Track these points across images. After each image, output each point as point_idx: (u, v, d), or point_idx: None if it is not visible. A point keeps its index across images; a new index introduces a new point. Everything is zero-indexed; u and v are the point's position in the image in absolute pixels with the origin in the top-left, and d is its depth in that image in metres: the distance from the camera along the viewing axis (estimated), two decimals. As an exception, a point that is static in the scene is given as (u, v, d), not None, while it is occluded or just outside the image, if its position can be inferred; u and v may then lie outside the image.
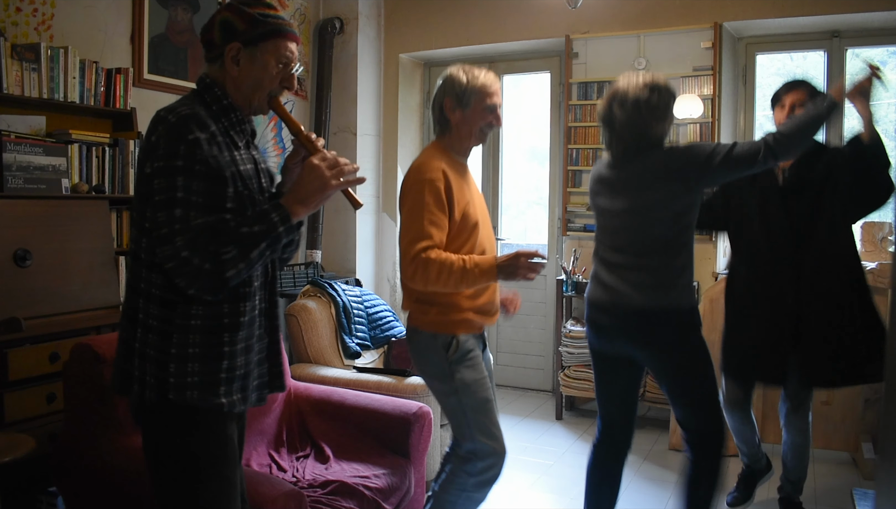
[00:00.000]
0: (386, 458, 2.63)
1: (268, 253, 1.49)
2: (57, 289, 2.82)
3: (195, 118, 1.47)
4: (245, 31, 1.55)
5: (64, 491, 2.26)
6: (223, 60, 1.57)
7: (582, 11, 4.33)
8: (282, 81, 1.60)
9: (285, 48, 1.58)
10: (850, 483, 3.41)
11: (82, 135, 3.07)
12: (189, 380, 1.49)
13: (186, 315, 1.50)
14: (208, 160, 1.45)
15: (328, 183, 1.52)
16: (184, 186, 1.42)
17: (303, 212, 1.52)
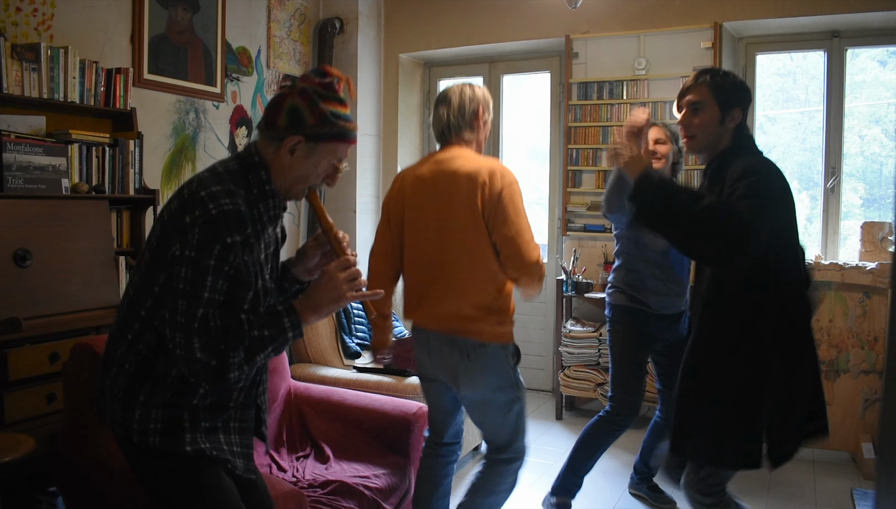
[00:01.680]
0: (386, 458, 2.63)
1: (273, 354, 1.52)
2: (57, 289, 2.81)
3: (235, 217, 1.43)
4: (312, 127, 1.51)
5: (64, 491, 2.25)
6: (279, 146, 1.53)
7: (582, 11, 4.32)
8: (326, 178, 1.61)
9: (343, 151, 1.58)
10: (850, 483, 3.40)
11: (82, 136, 3.07)
12: (152, 426, 1.51)
13: (165, 373, 1.52)
14: (239, 266, 1.45)
15: (343, 296, 1.54)
16: (211, 286, 1.42)
17: (314, 320, 1.54)
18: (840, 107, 4.10)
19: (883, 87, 4.23)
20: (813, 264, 3.75)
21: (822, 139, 4.16)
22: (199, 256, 1.41)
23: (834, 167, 4.12)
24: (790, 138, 4.48)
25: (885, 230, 3.76)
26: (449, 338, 2.26)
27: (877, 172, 4.30)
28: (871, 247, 3.76)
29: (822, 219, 4.16)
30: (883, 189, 4.27)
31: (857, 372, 3.71)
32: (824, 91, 4.14)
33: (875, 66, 4.29)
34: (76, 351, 2.22)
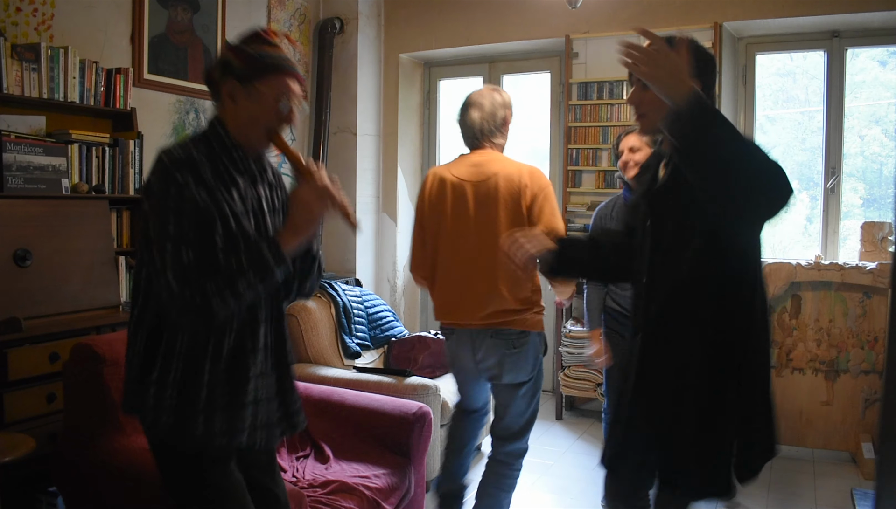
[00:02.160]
0: (386, 458, 2.63)
1: (259, 285, 1.51)
2: (57, 289, 2.81)
3: (186, 162, 1.51)
4: (241, 69, 1.56)
5: (64, 491, 2.26)
6: (221, 97, 1.61)
7: (582, 11, 4.32)
8: (280, 117, 1.60)
9: (283, 84, 1.58)
10: (850, 483, 3.41)
11: (82, 136, 3.07)
12: (167, 403, 1.53)
13: (171, 343, 1.53)
14: (197, 201, 1.48)
15: (314, 209, 1.55)
16: (175, 223, 1.46)
17: (294, 242, 1.55)
18: (840, 107, 4.10)
19: (883, 87, 4.23)
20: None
21: (822, 139, 4.16)
22: (160, 203, 1.48)
23: (834, 167, 4.12)
24: (790, 138, 4.48)
25: (885, 230, 3.76)
26: (496, 330, 2.46)
27: (877, 172, 4.31)
28: (871, 247, 3.76)
29: (822, 219, 4.16)
30: (883, 189, 4.27)
31: (857, 372, 3.71)
32: (824, 91, 4.14)
33: (875, 66, 4.29)
34: (76, 351, 2.22)
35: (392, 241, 5.10)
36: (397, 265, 5.12)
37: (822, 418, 3.75)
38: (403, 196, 5.15)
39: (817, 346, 3.78)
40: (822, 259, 3.88)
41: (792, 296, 3.81)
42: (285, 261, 1.54)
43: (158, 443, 1.60)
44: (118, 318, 2.93)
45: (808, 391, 3.79)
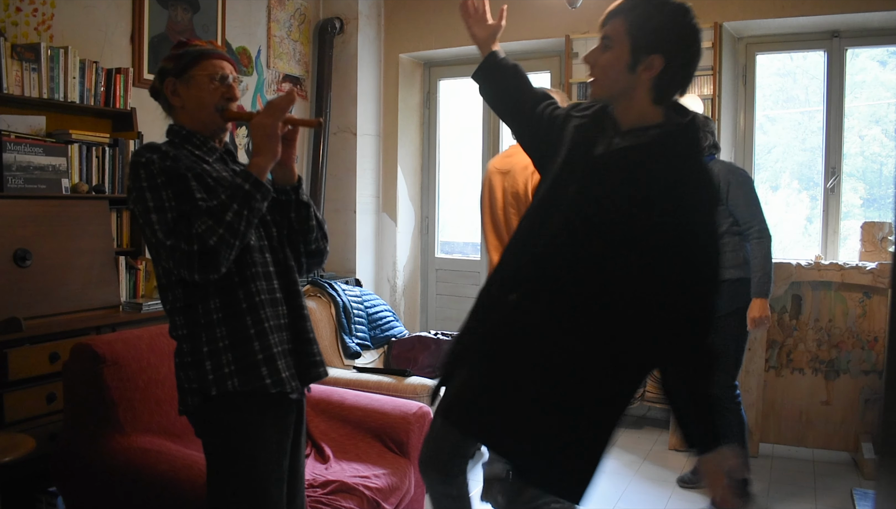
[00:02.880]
0: (386, 458, 2.63)
1: (245, 213, 1.56)
2: (57, 289, 2.81)
3: (147, 147, 1.65)
4: (173, 67, 1.73)
5: (64, 491, 2.26)
6: (166, 98, 1.75)
7: (582, 11, 4.32)
8: (223, 94, 1.72)
9: (213, 66, 1.72)
10: (850, 483, 3.40)
11: (82, 136, 3.07)
12: (227, 370, 1.60)
13: (207, 312, 1.61)
14: (165, 170, 1.59)
15: (264, 123, 1.62)
16: (153, 197, 1.57)
17: (262, 163, 1.61)
18: (840, 107, 4.10)
19: (883, 87, 4.23)
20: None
21: (822, 139, 4.16)
22: (136, 188, 1.59)
23: (834, 167, 4.12)
24: (790, 138, 4.48)
25: (885, 230, 3.76)
26: None
27: (877, 172, 4.30)
28: (871, 247, 3.76)
29: (822, 219, 4.16)
30: (883, 189, 4.27)
31: (857, 372, 3.71)
32: (824, 91, 4.14)
33: (875, 66, 4.29)
34: (76, 351, 2.22)
35: (392, 241, 5.10)
36: (397, 265, 5.12)
37: (822, 418, 3.75)
38: (403, 196, 5.15)
39: (817, 346, 3.78)
40: (822, 259, 3.88)
41: (792, 296, 3.81)
42: (259, 182, 1.59)
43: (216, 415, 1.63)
44: (118, 318, 2.93)
45: (808, 391, 3.79)
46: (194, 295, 1.61)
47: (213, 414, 1.63)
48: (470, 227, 5.33)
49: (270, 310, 1.66)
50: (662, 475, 3.48)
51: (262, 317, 1.64)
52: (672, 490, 3.32)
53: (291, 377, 1.67)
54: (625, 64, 1.51)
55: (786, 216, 4.41)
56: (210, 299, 1.61)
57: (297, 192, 1.76)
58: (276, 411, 1.67)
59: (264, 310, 1.65)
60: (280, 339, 1.67)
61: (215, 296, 1.61)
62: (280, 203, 1.75)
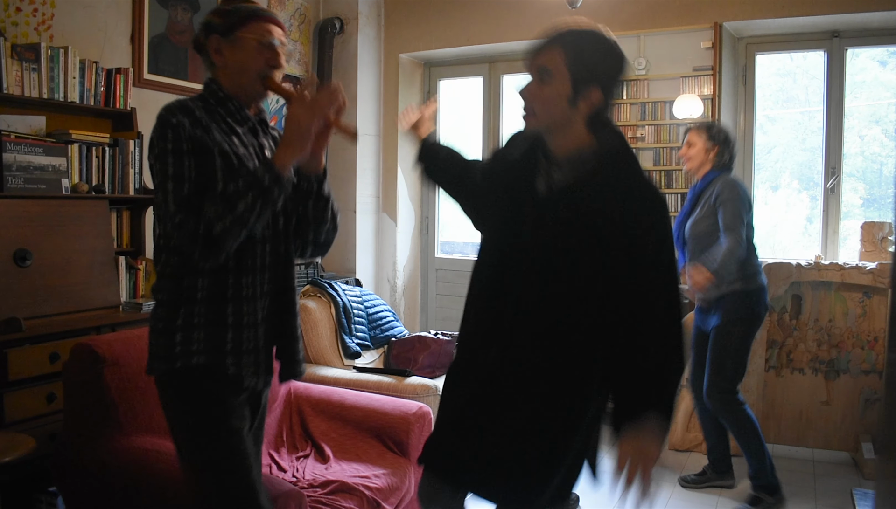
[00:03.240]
0: (386, 458, 2.63)
1: (258, 206, 1.53)
2: (57, 289, 2.81)
3: (180, 107, 1.58)
4: (221, 24, 1.65)
5: (64, 491, 2.26)
6: (209, 55, 1.68)
7: (582, 11, 4.32)
8: (267, 60, 1.66)
9: (262, 29, 1.65)
10: (850, 483, 3.40)
11: (82, 135, 3.07)
12: (195, 346, 1.59)
13: (192, 287, 1.60)
14: (193, 138, 1.55)
15: (302, 119, 1.56)
16: (174, 163, 1.54)
17: (288, 157, 1.57)
18: (840, 107, 4.10)
19: (883, 87, 4.23)
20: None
21: (822, 139, 4.16)
22: (160, 148, 1.55)
23: (834, 167, 4.12)
24: (790, 138, 4.48)
25: (885, 230, 3.76)
26: None
27: (877, 172, 4.30)
28: (871, 247, 3.76)
29: (822, 219, 4.16)
30: (883, 189, 4.27)
31: (857, 372, 3.71)
32: (824, 91, 4.14)
33: (875, 66, 4.29)
34: (76, 351, 2.22)
35: (392, 241, 5.10)
36: (397, 265, 5.12)
37: (822, 418, 3.75)
38: (403, 196, 5.15)
39: (817, 346, 3.78)
40: (822, 259, 3.88)
41: (792, 296, 3.81)
42: (280, 178, 1.55)
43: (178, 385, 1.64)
44: (118, 318, 2.93)
45: (808, 391, 3.79)
46: (186, 266, 1.60)
47: (175, 383, 1.64)
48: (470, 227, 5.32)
49: (253, 305, 1.65)
50: (663, 475, 3.48)
51: (242, 310, 1.63)
52: (672, 490, 3.32)
53: (255, 373, 1.66)
54: (566, 97, 1.50)
55: (786, 216, 4.41)
56: (199, 276, 1.60)
57: (320, 184, 1.72)
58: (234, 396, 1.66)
59: (248, 303, 1.64)
60: (253, 335, 1.65)
61: (206, 275, 1.60)
62: (300, 190, 1.71)
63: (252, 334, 1.65)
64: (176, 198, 1.53)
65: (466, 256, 5.30)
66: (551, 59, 1.49)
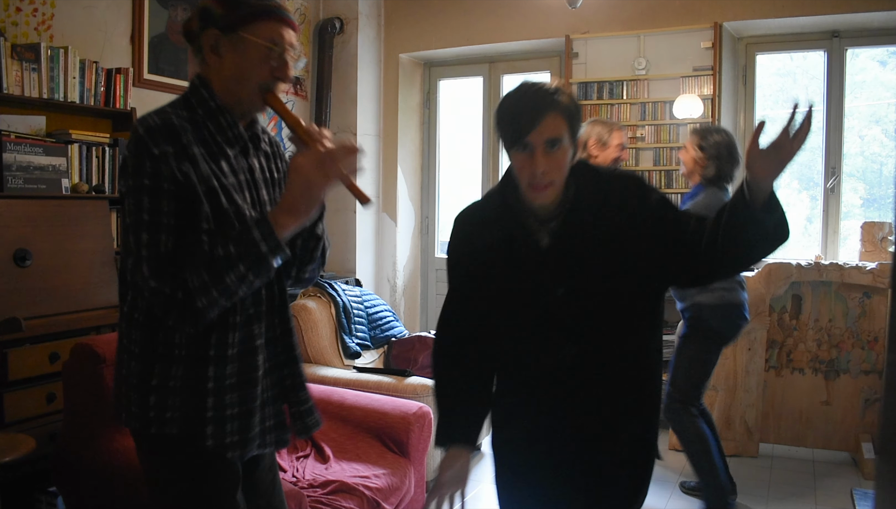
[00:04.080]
0: (386, 458, 2.63)
1: (251, 277, 1.29)
2: (57, 289, 2.81)
3: (164, 129, 1.31)
4: (223, 16, 1.34)
5: (64, 491, 2.26)
6: (202, 51, 1.39)
7: (582, 11, 4.32)
8: (273, 72, 1.38)
9: (273, 32, 1.36)
10: (850, 483, 3.40)
11: (82, 136, 3.07)
12: (169, 414, 1.35)
13: (169, 343, 1.36)
14: (176, 176, 1.27)
15: (314, 181, 1.30)
16: (150, 208, 1.27)
17: (291, 223, 1.31)
18: (840, 107, 4.10)
19: (883, 87, 4.23)
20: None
21: (822, 139, 4.16)
22: (135, 180, 1.28)
23: (834, 167, 4.12)
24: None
25: (885, 230, 3.76)
26: None
27: (877, 172, 4.30)
28: (871, 247, 3.76)
29: (822, 219, 4.16)
30: (883, 189, 4.27)
31: (857, 372, 3.71)
32: (824, 91, 4.14)
33: (875, 66, 4.29)
34: (76, 351, 2.22)
35: (392, 241, 5.10)
36: (397, 265, 5.12)
37: (822, 418, 3.75)
38: (403, 196, 5.15)
39: (817, 346, 3.78)
40: (822, 259, 3.88)
41: (792, 296, 3.81)
42: (281, 246, 1.30)
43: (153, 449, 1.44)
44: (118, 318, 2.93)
45: (808, 391, 3.79)
46: (159, 318, 1.34)
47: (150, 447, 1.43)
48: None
49: (240, 364, 1.39)
50: (663, 475, 3.47)
51: (225, 373, 1.37)
52: (672, 490, 3.32)
53: (241, 442, 1.40)
54: (570, 157, 1.47)
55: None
56: (176, 331, 1.35)
57: (314, 223, 1.48)
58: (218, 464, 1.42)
59: (233, 363, 1.38)
60: (242, 398, 1.39)
61: (183, 330, 1.35)
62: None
63: (237, 397, 1.38)
64: (150, 257, 1.27)
65: (466, 256, 5.29)
66: (556, 127, 1.41)
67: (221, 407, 1.37)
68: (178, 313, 1.28)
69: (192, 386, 1.36)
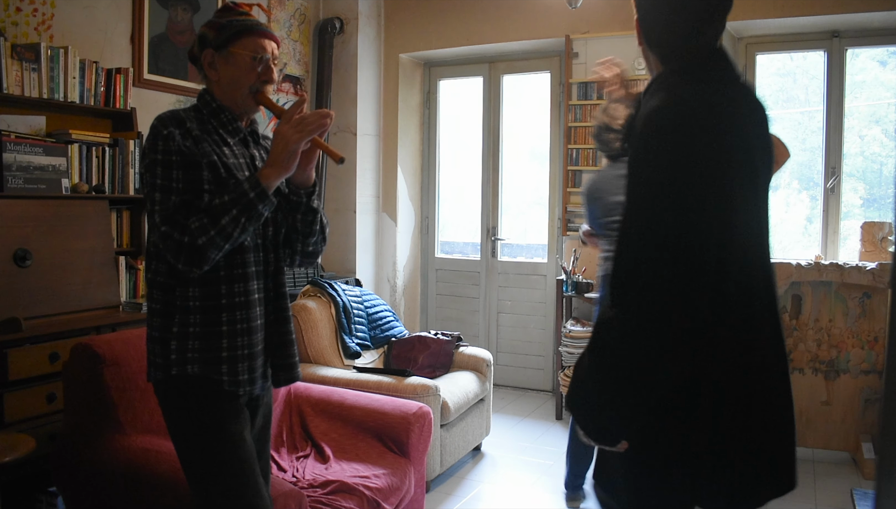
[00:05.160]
0: (386, 458, 2.63)
1: (243, 220, 1.56)
2: (57, 289, 2.81)
3: (172, 117, 1.63)
4: (215, 38, 1.69)
5: (64, 491, 2.26)
6: (203, 68, 1.73)
7: (582, 11, 4.32)
8: (260, 76, 1.70)
9: (255, 44, 1.68)
10: (850, 483, 3.41)
11: (82, 136, 3.07)
12: (189, 355, 1.63)
13: (185, 297, 1.64)
14: (182, 149, 1.59)
15: (289, 138, 1.59)
16: (162, 175, 1.58)
17: (273, 175, 1.59)
18: (840, 107, 4.10)
19: (883, 87, 4.23)
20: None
21: (822, 139, 4.16)
22: (149, 158, 1.59)
23: (834, 167, 4.12)
24: (790, 138, 4.48)
25: (885, 230, 3.76)
26: None
27: (877, 172, 4.30)
28: (871, 247, 3.76)
29: (822, 219, 4.16)
30: (883, 189, 4.27)
31: (857, 372, 3.71)
32: (824, 91, 4.14)
33: (875, 66, 4.29)
34: (76, 351, 2.22)
35: (392, 241, 5.10)
36: (397, 265, 5.12)
37: (822, 418, 3.75)
38: (403, 196, 5.15)
39: (817, 346, 3.78)
40: (822, 259, 3.88)
41: (792, 296, 3.81)
42: (266, 194, 1.58)
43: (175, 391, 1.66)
44: (118, 318, 2.93)
45: (808, 391, 3.79)
46: (177, 276, 1.63)
47: (172, 390, 1.67)
48: (470, 227, 5.33)
49: (247, 312, 1.68)
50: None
51: (236, 318, 1.66)
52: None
53: (250, 380, 1.69)
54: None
55: (786, 216, 4.41)
56: (191, 286, 1.63)
57: (309, 197, 1.75)
58: (231, 402, 1.68)
59: (241, 311, 1.67)
60: (249, 342, 1.68)
61: (197, 284, 1.63)
62: (290, 203, 1.75)
63: (246, 341, 1.68)
64: (162, 209, 1.57)
65: (466, 256, 5.30)
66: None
67: (234, 348, 1.66)
68: (186, 255, 1.54)
69: (208, 331, 1.64)
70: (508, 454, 3.79)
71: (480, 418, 3.71)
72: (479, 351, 3.87)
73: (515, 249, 5.19)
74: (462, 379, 3.60)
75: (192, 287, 1.63)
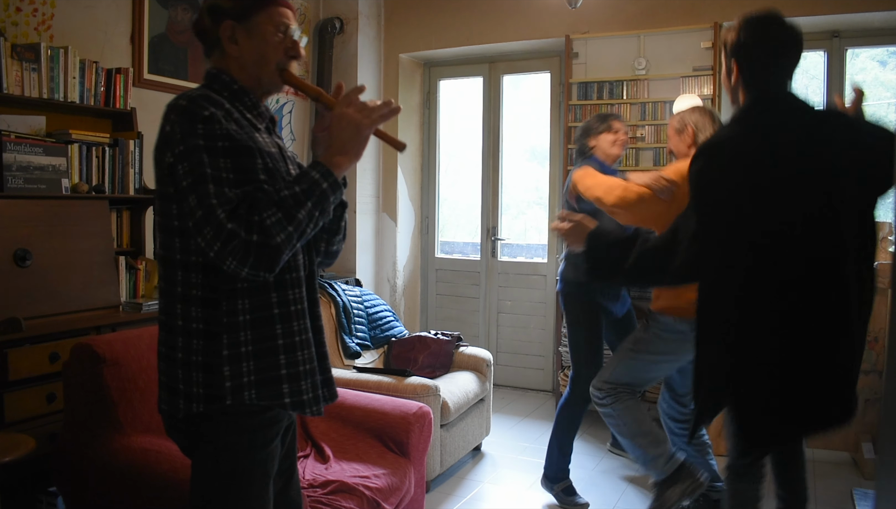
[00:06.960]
0: (386, 458, 2.63)
1: (317, 214, 1.37)
2: (57, 289, 2.81)
3: (207, 97, 1.39)
4: (233, 7, 1.46)
5: (64, 491, 2.26)
6: (221, 44, 1.48)
7: (582, 11, 4.33)
8: (287, 51, 1.50)
9: (280, 14, 1.48)
10: (850, 483, 3.41)
11: (82, 136, 3.07)
12: (245, 380, 1.39)
13: (233, 311, 1.39)
14: (230, 133, 1.35)
15: (361, 123, 1.42)
16: (210, 163, 1.32)
17: (345, 163, 1.41)
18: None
19: (883, 87, 4.23)
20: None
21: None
22: (188, 143, 1.33)
23: (834, 167, 4.11)
24: (790, 138, 4.48)
25: (885, 230, 3.76)
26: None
27: (877, 172, 4.30)
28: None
29: (822, 219, 4.15)
30: (883, 189, 4.26)
31: (857, 372, 3.70)
32: (824, 91, 4.14)
33: (875, 66, 4.29)
34: (76, 351, 2.22)
35: (392, 241, 5.10)
36: (397, 265, 5.12)
37: (822, 418, 3.75)
38: (403, 196, 5.15)
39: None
40: (822, 259, 3.87)
41: (792, 296, 3.81)
42: (339, 184, 1.40)
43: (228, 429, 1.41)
44: (118, 318, 2.93)
45: (808, 391, 3.79)
46: (219, 289, 1.38)
47: (223, 426, 1.41)
48: (470, 227, 5.33)
49: (301, 322, 1.47)
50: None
51: (293, 329, 1.44)
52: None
53: (314, 399, 1.48)
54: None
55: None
56: (238, 298, 1.39)
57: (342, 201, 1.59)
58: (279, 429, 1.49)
59: (297, 321, 1.45)
60: (306, 357, 1.47)
61: (245, 295, 1.39)
62: None
63: (307, 355, 1.47)
64: (223, 204, 1.29)
65: (466, 256, 5.30)
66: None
67: (293, 364, 1.44)
68: (256, 257, 1.30)
69: (262, 348, 1.41)
70: (508, 454, 3.79)
71: (480, 418, 3.71)
72: (479, 351, 3.87)
73: (515, 249, 5.19)
74: (462, 379, 3.61)
75: (242, 299, 1.39)
